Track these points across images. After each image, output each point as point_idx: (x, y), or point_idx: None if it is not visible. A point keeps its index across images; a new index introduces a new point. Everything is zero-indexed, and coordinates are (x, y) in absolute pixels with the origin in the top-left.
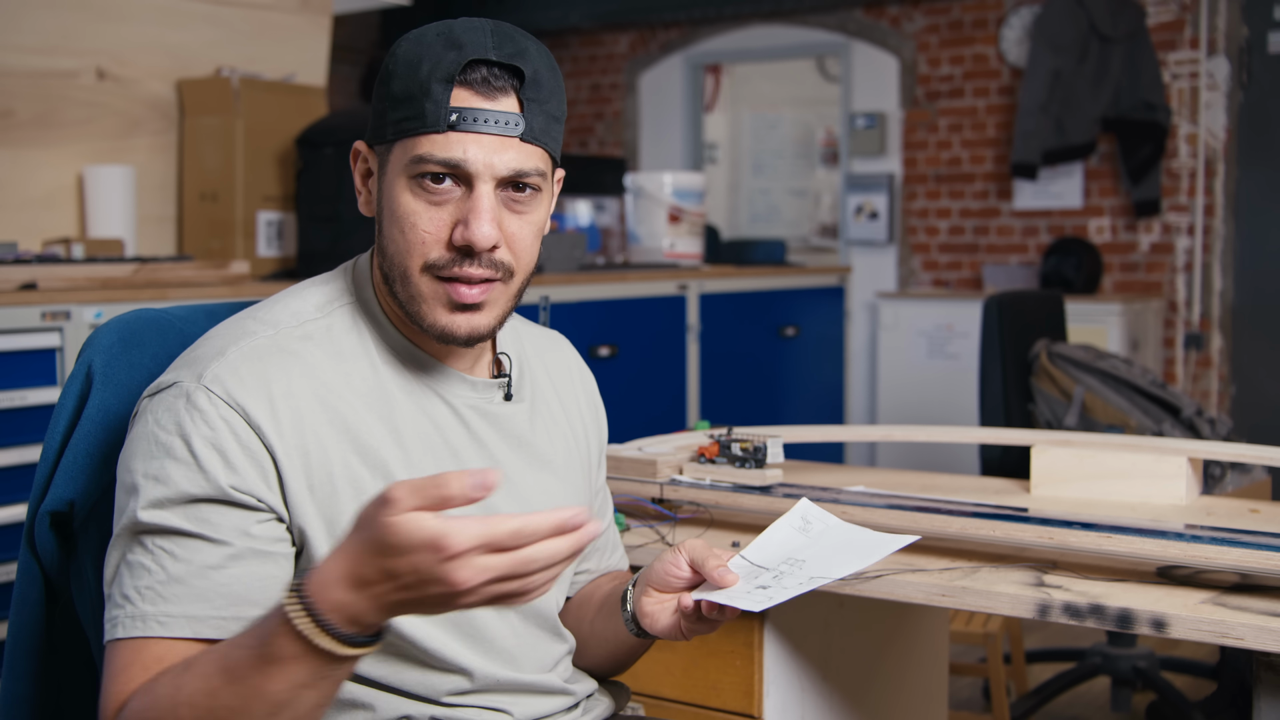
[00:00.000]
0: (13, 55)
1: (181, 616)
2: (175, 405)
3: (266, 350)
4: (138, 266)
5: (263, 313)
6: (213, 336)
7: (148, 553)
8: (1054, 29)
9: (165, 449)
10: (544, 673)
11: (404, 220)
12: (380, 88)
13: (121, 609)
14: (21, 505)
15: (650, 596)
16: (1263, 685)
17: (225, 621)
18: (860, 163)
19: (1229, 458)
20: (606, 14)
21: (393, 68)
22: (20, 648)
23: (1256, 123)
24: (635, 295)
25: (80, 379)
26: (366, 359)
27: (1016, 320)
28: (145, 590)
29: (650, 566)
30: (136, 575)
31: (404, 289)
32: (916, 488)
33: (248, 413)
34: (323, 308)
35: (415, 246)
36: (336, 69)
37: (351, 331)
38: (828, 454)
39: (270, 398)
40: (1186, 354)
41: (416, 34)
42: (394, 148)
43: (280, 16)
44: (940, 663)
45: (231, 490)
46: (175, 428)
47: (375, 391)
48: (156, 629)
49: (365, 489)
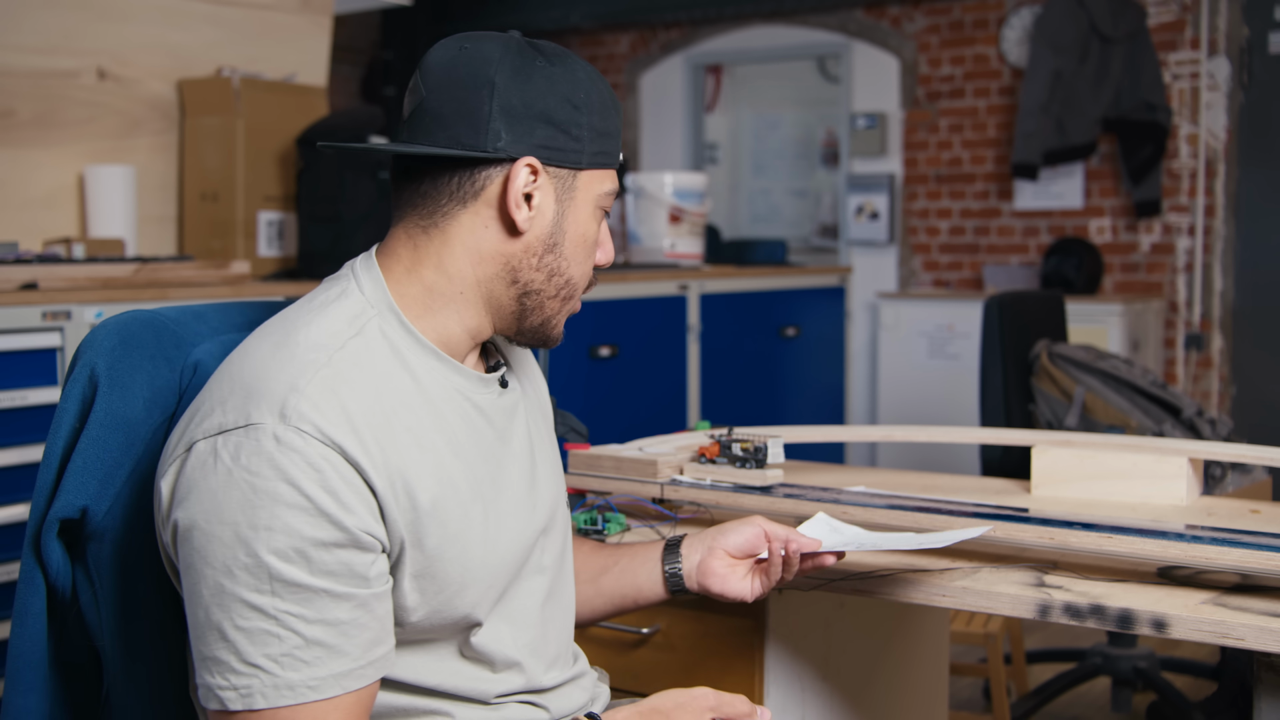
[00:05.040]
0: (13, 55)
1: (329, 677)
2: (263, 448)
3: (334, 378)
4: (138, 266)
5: (300, 336)
6: (264, 366)
7: (268, 617)
8: (1054, 29)
9: (271, 496)
10: (570, 667)
11: (589, 244)
12: (577, 115)
13: (256, 678)
14: (21, 505)
15: (721, 559)
16: (1263, 686)
17: (365, 669)
18: (861, 163)
19: (1229, 458)
20: (607, 14)
21: (591, 101)
22: (24, 660)
23: (1257, 123)
24: (636, 295)
25: (83, 382)
26: (406, 372)
27: (1017, 320)
28: (283, 658)
29: (722, 533)
30: (263, 642)
31: (559, 305)
32: (917, 488)
33: (343, 448)
34: (353, 324)
35: (589, 269)
36: (337, 69)
37: (383, 345)
38: (828, 454)
39: (355, 428)
40: (1187, 354)
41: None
42: (582, 175)
43: (281, 16)
44: (941, 663)
45: (354, 530)
46: (275, 473)
47: (424, 404)
48: (309, 695)
49: (441, 501)
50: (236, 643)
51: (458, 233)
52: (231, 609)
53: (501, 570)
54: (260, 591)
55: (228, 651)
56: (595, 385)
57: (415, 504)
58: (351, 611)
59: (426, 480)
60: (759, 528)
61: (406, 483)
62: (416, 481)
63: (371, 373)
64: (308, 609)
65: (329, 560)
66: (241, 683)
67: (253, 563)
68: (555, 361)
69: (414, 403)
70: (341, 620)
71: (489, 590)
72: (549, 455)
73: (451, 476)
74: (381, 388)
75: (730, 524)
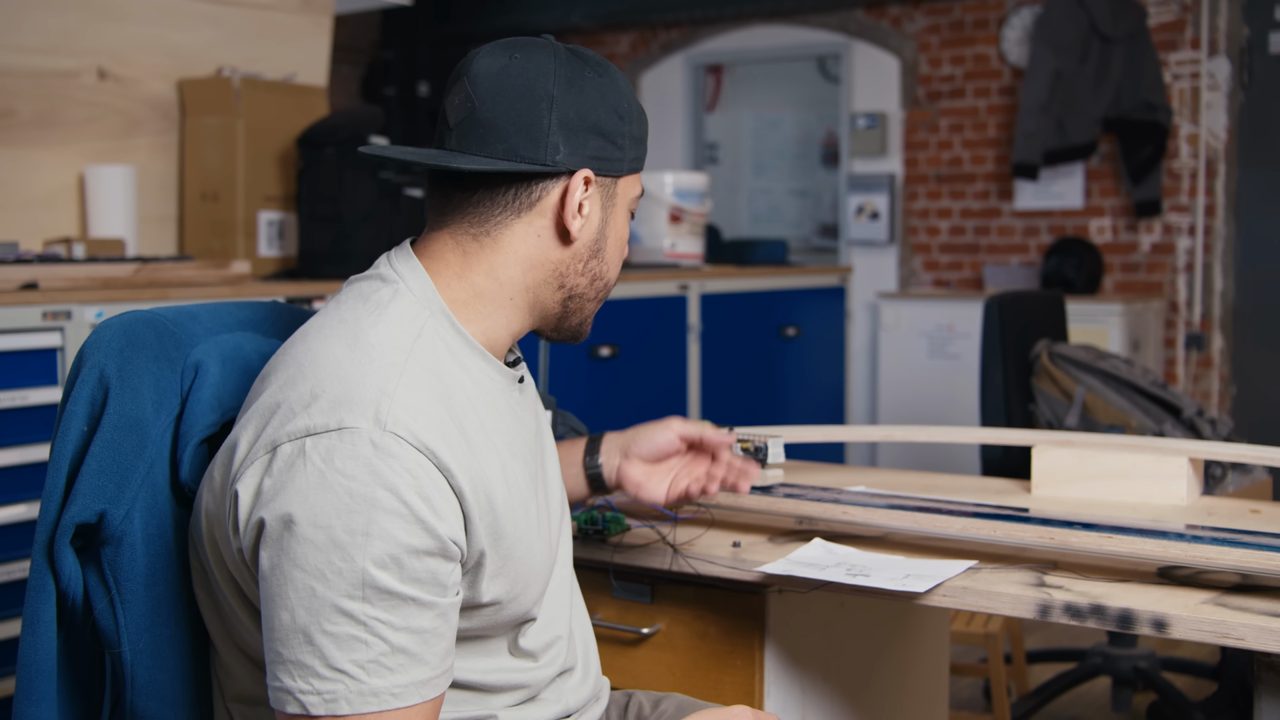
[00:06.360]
0: (14, 55)
1: (410, 684)
2: (359, 452)
3: (415, 382)
4: (139, 266)
5: (371, 337)
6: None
7: (358, 623)
8: (1055, 29)
9: (368, 501)
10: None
11: (624, 245)
12: (622, 125)
13: (341, 683)
14: (22, 505)
15: (636, 465)
16: (1263, 685)
17: (440, 677)
18: (861, 163)
19: (1230, 458)
20: (607, 14)
21: (631, 109)
22: (36, 668)
23: (1257, 123)
24: (636, 295)
25: (92, 384)
26: (464, 373)
27: (1017, 320)
28: (369, 665)
29: (635, 439)
30: (350, 648)
31: (595, 306)
32: (917, 488)
33: (436, 455)
34: (414, 324)
35: (620, 266)
36: (337, 69)
37: (441, 346)
38: (829, 454)
39: (444, 434)
40: (1187, 354)
41: (622, 77)
42: (621, 181)
43: (281, 16)
44: (941, 663)
45: (445, 538)
46: (374, 478)
47: (485, 404)
48: (392, 702)
49: (510, 500)
50: (323, 647)
51: (510, 242)
52: (321, 613)
53: (549, 563)
54: (353, 597)
55: (313, 656)
56: (595, 385)
57: (494, 506)
58: (433, 620)
59: (498, 481)
60: (672, 432)
61: (486, 485)
62: (492, 483)
63: (441, 374)
64: (395, 616)
65: (419, 568)
66: (326, 688)
67: (348, 568)
68: (555, 361)
69: (477, 404)
70: (424, 629)
71: (543, 584)
72: (552, 444)
73: (515, 475)
74: (451, 389)
75: (644, 427)
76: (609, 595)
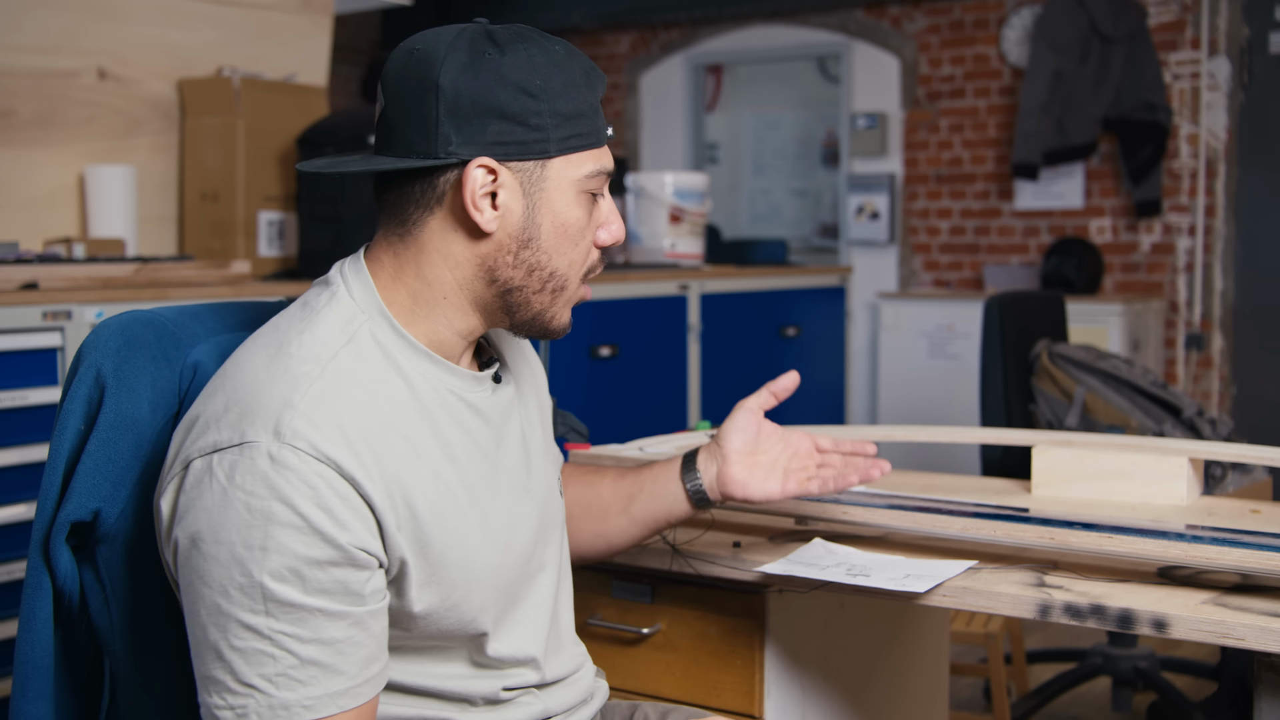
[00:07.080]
0: (14, 55)
1: (324, 695)
2: (258, 467)
3: (327, 392)
4: (139, 266)
5: (293, 348)
6: (258, 381)
7: (263, 637)
8: (1055, 29)
9: (265, 515)
10: (575, 659)
11: (576, 232)
12: (534, 103)
13: (251, 698)
14: (22, 505)
15: (735, 463)
16: (1263, 686)
17: (360, 687)
18: (861, 163)
19: (1230, 458)
20: (607, 14)
21: (550, 84)
22: (32, 665)
23: (1257, 123)
24: (636, 295)
25: (89, 383)
26: (400, 377)
27: (1017, 320)
28: (277, 678)
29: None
30: (258, 662)
31: (551, 299)
32: (917, 488)
33: (339, 465)
34: (345, 330)
35: (583, 256)
36: (337, 69)
37: (376, 351)
38: None
39: (350, 443)
40: (1187, 354)
41: (544, 51)
42: (552, 163)
43: (281, 16)
44: (941, 663)
45: (349, 548)
46: (269, 492)
47: (418, 410)
48: (304, 715)
49: (439, 507)
50: (232, 662)
51: (429, 239)
52: (227, 629)
53: (507, 569)
54: (255, 612)
55: (224, 671)
56: (595, 385)
57: (415, 512)
58: (346, 630)
59: (424, 487)
60: (744, 410)
61: (405, 491)
62: (415, 489)
63: (365, 381)
64: (302, 628)
65: (324, 579)
66: (238, 702)
67: (247, 583)
68: (555, 362)
69: (408, 409)
70: (336, 639)
71: (496, 590)
72: (541, 447)
73: (448, 481)
74: (376, 396)
75: (724, 426)
76: (609, 595)
